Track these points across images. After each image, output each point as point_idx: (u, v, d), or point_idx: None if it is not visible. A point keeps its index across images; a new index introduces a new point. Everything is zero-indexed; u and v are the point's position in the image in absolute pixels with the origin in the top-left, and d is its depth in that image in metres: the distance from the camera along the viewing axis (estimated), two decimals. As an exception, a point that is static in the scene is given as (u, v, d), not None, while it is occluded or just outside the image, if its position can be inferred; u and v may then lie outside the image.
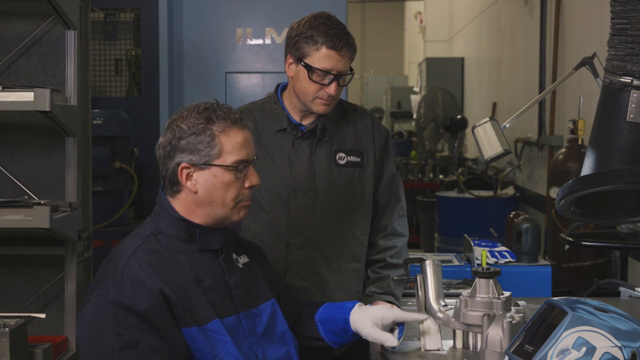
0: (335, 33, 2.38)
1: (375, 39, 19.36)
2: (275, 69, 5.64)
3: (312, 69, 2.38)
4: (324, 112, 2.45)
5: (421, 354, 2.11)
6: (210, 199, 1.91)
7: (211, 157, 1.88)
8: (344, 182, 2.53)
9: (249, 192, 1.95)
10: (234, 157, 1.90)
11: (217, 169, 1.89)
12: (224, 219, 1.94)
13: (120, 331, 1.76)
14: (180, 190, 1.92)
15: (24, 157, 3.24)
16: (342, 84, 2.43)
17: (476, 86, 9.85)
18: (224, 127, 1.89)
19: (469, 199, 6.59)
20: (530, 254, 3.25)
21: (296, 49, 2.41)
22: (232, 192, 1.91)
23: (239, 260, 2.04)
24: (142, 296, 1.79)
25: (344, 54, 2.39)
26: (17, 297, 3.28)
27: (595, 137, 1.99)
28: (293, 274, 2.48)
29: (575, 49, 5.24)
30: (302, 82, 2.42)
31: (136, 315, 1.78)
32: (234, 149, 1.90)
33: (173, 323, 1.82)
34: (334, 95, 2.40)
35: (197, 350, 1.85)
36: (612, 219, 2.17)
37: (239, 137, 1.91)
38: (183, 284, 1.87)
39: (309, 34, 2.38)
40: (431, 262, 2.15)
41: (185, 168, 1.89)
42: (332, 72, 2.38)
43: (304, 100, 2.45)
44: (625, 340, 1.61)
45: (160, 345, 1.78)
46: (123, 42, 5.73)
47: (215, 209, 1.92)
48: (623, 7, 1.88)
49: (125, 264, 1.84)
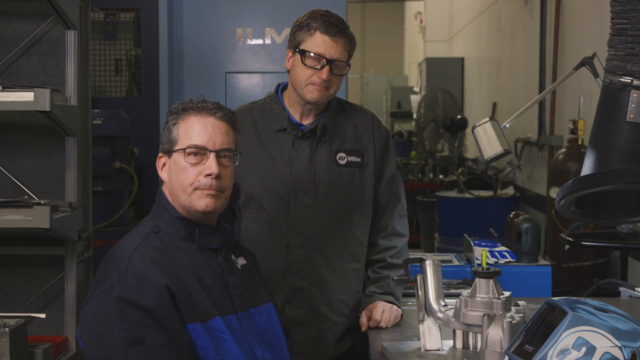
0: (330, 21, 2.43)
1: (375, 39, 19.36)
2: (275, 69, 5.64)
3: (305, 53, 2.42)
4: (317, 99, 2.45)
5: (421, 354, 2.11)
6: (173, 186, 1.96)
7: (172, 144, 1.96)
8: (344, 182, 2.52)
9: (207, 180, 1.93)
10: (188, 142, 1.94)
11: (176, 155, 1.96)
12: (189, 206, 1.95)
13: (127, 327, 1.76)
14: (162, 181, 2.01)
15: (24, 157, 3.24)
16: (337, 72, 2.44)
17: (476, 86, 9.85)
18: (188, 115, 1.96)
19: (469, 199, 6.59)
20: (530, 254, 3.25)
21: (293, 39, 2.47)
22: (188, 177, 1.93)
23: (237, 262, 2.05)
24: (148, 292, 1.80)
25: (338, 41, 2.42)
26: (17, 297, 3.29)
27: (595, 137, 1.99)
28: (293, 274, 2.48)
29: (575, 49, 5.23)
30: (297, 69, 2.45)
31: (142, 311, 1.78)
32: (189, 134, 1.95)
33: (178, 319, 1.83)
34: (325, 79, 2.41)
35: (202, 347, 1.85)
36: (612, 219, 2.17)
37: (198, 122, 1.96)
38: (185, 281, 1.87)
39: (305, 22, 2.45)
40: (431, 262, 2.15)
41: (160, 158, 1.99)
42: (325, 57, 2.40)
43: (298, 89, 2.46)
44: (625, 340, 1.61)
45: (166, 342, 1.78)
46: (123, 42, 5.73)
47: (180, 197, 1.95)
48: (623, 7, 1.88)
49: (128, 260, 1.84)
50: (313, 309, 2.50)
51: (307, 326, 2.49)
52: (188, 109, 1.97)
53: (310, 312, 2.49)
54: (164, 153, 1.98)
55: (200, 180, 1.93)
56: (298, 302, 2.48)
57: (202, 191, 1.93)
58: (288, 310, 2.48)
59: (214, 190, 1.94)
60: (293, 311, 2.48)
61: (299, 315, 2.48)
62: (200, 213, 1.95)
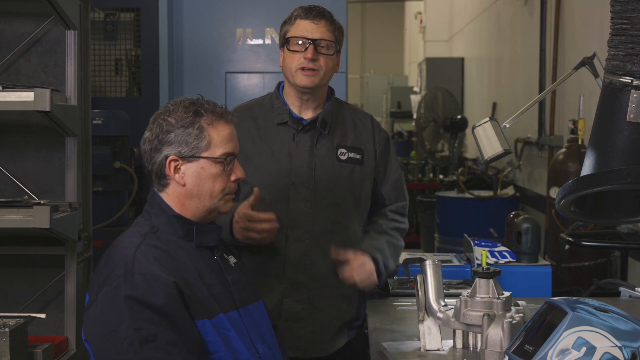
0: (309, 7, 2.49)
1: (375, 39, 19.37)
2: (275, 69, 5.63)
3: (289, 40, 2.47)
4: (309, 83, 2.46)
5: (421, 354, 2.10)
6: (199, 191, 1.94)
7: (199, 150, 1.92)
8: (345, 177, 2.53)
9: (234, 185, 1.99)
10: (221, 150, 1.93)
11: (205, 161, 1.92)
12: (212, 210, 1.96)
13: (138, 325, 1.76)
14: (168, 184, 1.95)
15: (24, 157, 3.24)
16: (324, 52, 2.46)
17: (476, 86, 9.85)
18: (212, 120, 1.93)
19: (469, 199, 6.59)
20: (530, 254, 3.25)
21: (281, 37, 2.53)
22: (219, 184, 1.95)
23: (230, 260, 2.06)
24: (157, 290, 1.79)
25: (318, 22, 2.47)
26: (17, 297, 3.29)
27: (595, 137, 1.99)
28: (291, 267, 2.49)
29: (575, 49, 5.23)
30: (286, 59, 2.50)
31: (151, 309, 1.77)
32: (221, 141, 1.93)
33: (188, 316, 1.83)
34: (310, 57, 2.43)
35: (211, 342, 1.86)
36: (612, 219, 2.17)
37: (226, 130, 1.95)
38: (188, 278, 1.88)
39: (288, 17, 2.52)
40: (431, 262, 2.15)
41: (173, 160, 1.92)
42: (307, 37, 2.44)
43: (290, 78, 2.49)
44: (625, 340, 1.61)
45: (177, 339, 1.78)
46: (123, 42, 5.72)
47: (203, 201, 1.94)
48: (623, 7, 1.88)
49: (132, 259, 1.84)
50: (311, 304, 2.50)
51: (305, 320, 2.49)
52: (209, 112, 1.93)
53: (308, 306, 2.50)
54: (182, 157, 1.91)
55: (230, 185, 1.97)
56: (296, 295, 2.49)
57: (230, 195, 1.98)
58: (286, 304, 2.48)
59: (234, 193, 2.00)
60: (291, 305, 2.48)
61: (297, 309, 2.49)
62: (220, 215, 2.00)
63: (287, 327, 2.47)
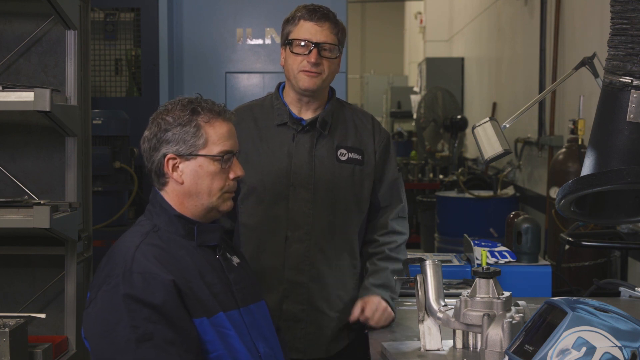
0: (313, 8, 2.47)
1: (375, 39, 19.36)
2: (275, 69, 5.64)
3: (293, 42, 2.45)
4: (310, 86, 2.45)
5: (421, 354, 2.11)
6: (197, 190, 1.94)
7: (197, 147, 1.92)
8: (345, 177, 2.53)
9: (234, 183, 1.99)
10: (219, 148, 1.94)
11: (203, 159, 1.93)
12: (211, 208, 1.97)
13: (135, 323, 1.77)
14: (167, 183, 1.96)
15: (24, 157, 3.24)
16: (327, 56, 2.45)
17: (476, 86, 9.85)
18: (209, 118, 1.94)
19: (468, 199, 6.59)
20: (530, 254, 3.25)
21: (283, 36, 2.51)
22: (217, 182, 1.95)
23: (233, 259, 2.06)
24: (155, 289, 1.80)
25: (322, 25, 2.45)
26: (17, 297, 3.29)
27: (595, 137, 1.99)
28: (291, 268, 2.48)
29: (575, 49, 5.23)
30: (288, 61, 2.48)
31: (149, 307, 1.78)
32: (219, 139, 1.94)
33: (186, 314, 1.83)
34: (314, 61, 2.43)
35: (209, 341, 1.86)
36: (612, 219, 2.17)
37: (223, 128, 1.95)
38: (188, 277, 1.88)
39: (291, 16, 2.50)
40: (431, 262, 2.15)
41: (171, 159, 1.93)
42: (311, 41, 2.43)
43: (291, 79, 2.49)
44: (625, 340, 1.61)
45: (175, 337, 1.79)
46: (123, 42, 5.72)
47: (202, 200, 1.95)
48: (623, 7, 1.88)
49: (132, 258, 1.85)
50: (311, 305, 2.50)
51: (305, 321, 2.49)
52: (207, 110, 1.94)
53: (307, 307, 2.49)
54: (180, 156, 1.93)
55: (229, 184, 1.97)
56: (296, 297, 2.48)
57: (229, 194, 1.98)
58: (286, 305, 2.48)
59: (233, 192, 2.00)
60: (291, 306, 2.48)
61: (297, 310, 2.48)
62: (219, 213, 1.99)
63: (287, 328, 2.47)
